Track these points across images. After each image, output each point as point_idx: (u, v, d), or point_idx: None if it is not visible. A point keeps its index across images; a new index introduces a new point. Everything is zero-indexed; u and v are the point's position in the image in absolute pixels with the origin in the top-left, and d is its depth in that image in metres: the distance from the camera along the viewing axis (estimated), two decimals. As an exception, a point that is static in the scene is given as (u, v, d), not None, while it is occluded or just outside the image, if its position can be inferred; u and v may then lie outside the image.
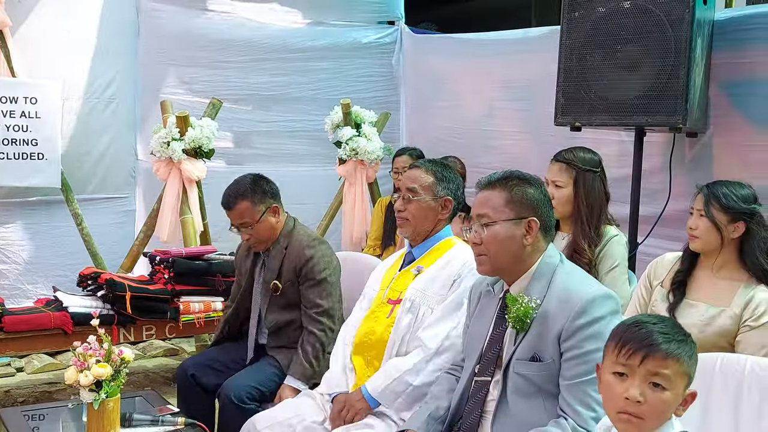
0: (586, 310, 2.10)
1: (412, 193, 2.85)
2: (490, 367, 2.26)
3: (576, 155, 3.40)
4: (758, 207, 2.85)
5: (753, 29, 3.54)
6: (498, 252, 2.23)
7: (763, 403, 2.03)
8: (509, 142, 4.88)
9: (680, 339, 1.74)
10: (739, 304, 2.79)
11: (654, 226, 3.85)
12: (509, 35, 4.99)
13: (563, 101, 3.70)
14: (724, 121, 3.69)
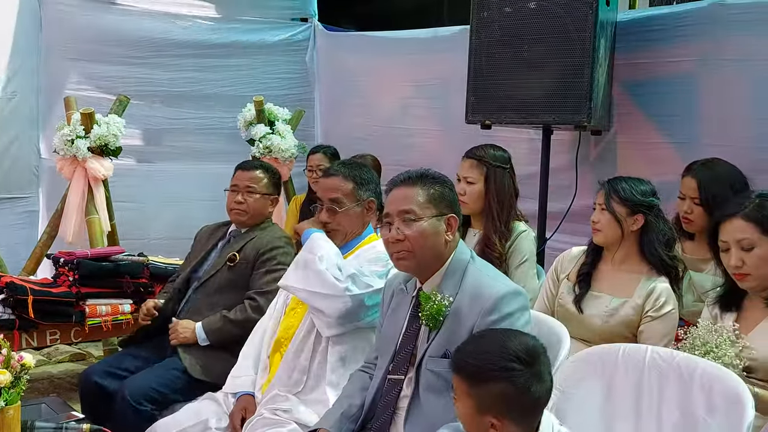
0: (497, 306, 2.13)
1: (336, 204, 2.80)
2: (404, 365, 2.27)
3: (487, 152, 3.47)
4: (656, 201, 2.96)
5: (653, 30, 3.68)
6: (423, 248, 2.24)
7: (663, 390, 2.11)
8: (423, 140, 4.93)
9: (476, 359, 1.79)
10: (641, 295, 2.89)
11: (561, 221, 3.96)
12: (421, 34, 5.03)
13: (473, 100, 3.76)
14: (627, 119, 3.82)
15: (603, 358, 2.24)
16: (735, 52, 3.36)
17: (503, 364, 1.73)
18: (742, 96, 3.36)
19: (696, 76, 3.52)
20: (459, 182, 3.49)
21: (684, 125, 3.59)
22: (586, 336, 2.94)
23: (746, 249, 2.42)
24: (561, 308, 3.06)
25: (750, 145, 3.33)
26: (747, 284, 2.48)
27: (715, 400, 2.00)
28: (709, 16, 3.43)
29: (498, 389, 1.73)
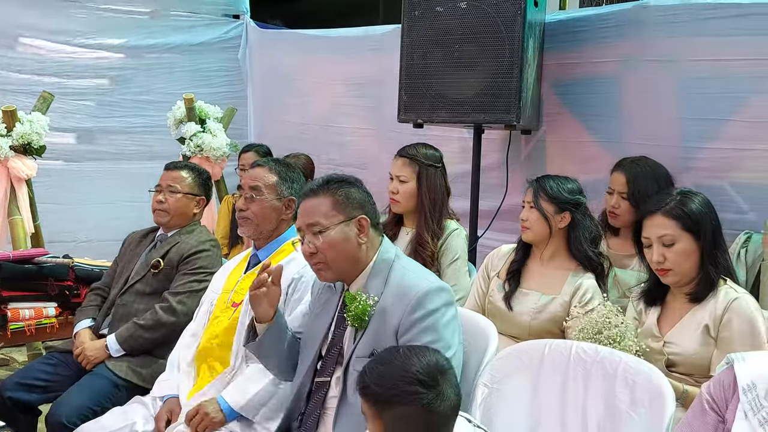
0: (421, 303, 2.13)
1: (255, 192, 2.80)
2: (331, 366, 2.26)
3: (419, 151, 3.49)
4: (583, 198, 3.03)
5: (579, 32, 3.75)
6: (336, 257, 2.22)
7: (588, 385, 2.15)
8: (356, 139, 4.92)
9: (381, 381, 1.73)
10: (568, 291, 2.95)
11: (493, 219, 4.00)
12: (354, 32, 5.02)
13: (406, 98, 3.76)
14: (556, 119, 3.89)
15: (530, 354, 2.26)
16: (657, 53, 3.44)
17: (405, 388, 1.70)
18: (664, 95, 3.45)
19: (620, 76, 3.60)
20: (392, 181, 3.51)
21: (609, 124, 3.67)
22: (516, 333, 2.98)
23: (668, 245, 2.47)
24: (491, 306, 3.10)
25: (672, 144, 3.43)
26: (669, 279, 2.54)
27: (638, 394, 2.05)
28: (632, 17, 3.52)
29: (403, 412, 1.70)
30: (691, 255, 2.49)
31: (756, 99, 3.20)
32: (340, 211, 2.22)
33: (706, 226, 2.48)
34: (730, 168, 3.29)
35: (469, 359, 2.32)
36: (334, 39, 5.18)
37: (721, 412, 1.61)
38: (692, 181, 3.30)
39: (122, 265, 3.42)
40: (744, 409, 1.54)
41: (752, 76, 3.20)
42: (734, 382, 1.60)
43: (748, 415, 1.53)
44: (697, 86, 3.34)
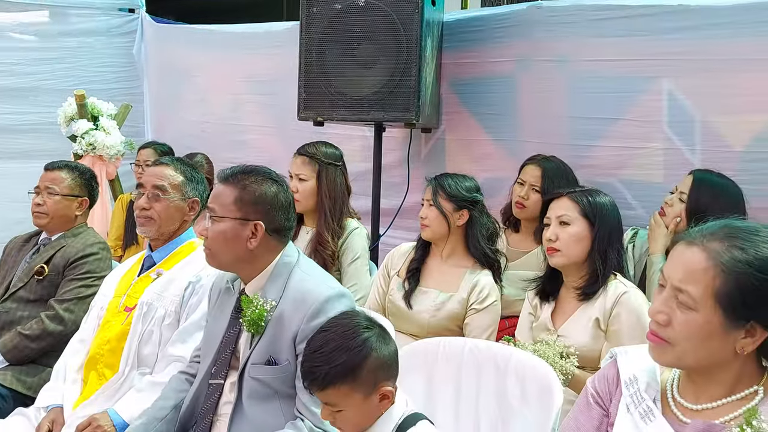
0: (321, 310, 2.09)
1: (160, 191, 2.70)
2: (224, 369, 2.20)
3: (318, 149, 3.46)
4: (480, 196, 3.07)
5: (476, 31, 3.79)
6: (220, 249, 2.16)
7: (480, 381, 2.18)
8: (256, 137, 4.83)
9: (338, 359, 1.78)
10: (465, 288, 2.98)
11: (394, 218, 4.01)
12: (254, 28, 4.93)
13: (305, 96, 3.71)
14: (454, 117, 3.92)
15: (425, 352, 2.28)
16: (550, 53, 3.52)
17: (360, 340, 1.80)
18: (557, 95, 3.53)
19: (516, 76, 3.66)
20: (291, 179, 3.46)
21: (505, 123, 3.73)
22: (415, 331, 2.99)
23: (563, 224, 2.56)
24: (391, 304, 3.10)
25: (565, 142, 3.51)
26: (556, 260, 2.61)
27: (528, 388, 2.08)
28: (526, 18, 3.58)
29: (372, 363, 1.79)
30: (581, 241, 2.57)
31: (644, 98, 3.31)
32: (240, 207, 2.15)
33: (605, 221, 2.56)
34: (620, 166, 3.39)
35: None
36: (234, 35, 5.06)
37: (606, 405, 1.63)
38: (584, 178, 3.39)
39: (4, 271, 3.24)
40: (626, 402, 1.57)
41: (641, 76, 3.30)
42: (617, 376, 1.63)
43: (630, 409, 1.56)
44: (589, 86, 3.43)
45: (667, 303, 1.48)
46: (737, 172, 3.08)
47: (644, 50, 3.25)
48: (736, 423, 1.42)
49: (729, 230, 1.47)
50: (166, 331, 2.59)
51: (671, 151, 3.25)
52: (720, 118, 3.11)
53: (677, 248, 1.51)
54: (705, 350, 1.45)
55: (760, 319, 1.42)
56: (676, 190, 3.01)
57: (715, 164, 3.09)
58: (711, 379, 1.49)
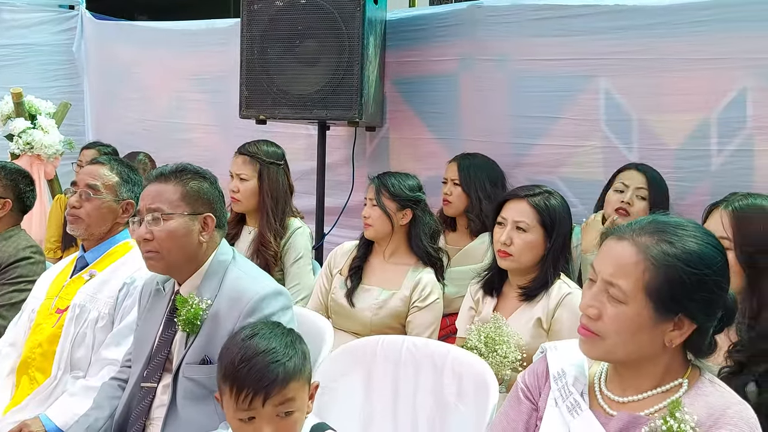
0: (257, 308, 2.07)
1: (92, 190, 2.64)
2: (158, 372, 2.16)
3: (260, 148, 3.43)
4: (423, 195, 3.08)
5: (420, 30, 3.79)
6: (171, 248, 2.13)
7: (418, 379, 2.17)
8: (199, 135, 4.76)
9: (291, 353, 1.71)
10: (408, 286, 2.98)
11: (339, 216, 3.99)
12: (197, 26, 4.85)
13: (247, 94, 3.67)
14: (398, 116, 3.92)
15: (363, 350, 2.26)
16: (491, 52, 3.54)
17: (291, 332, 1.78)
18: (498, 93, 3.55)
19: (458, 75, 3.67)
20: (232, 179, 3.42)
21: (448, 121, 3.74)
22: (358, 329, 2.99)
23: (520, 230, 2.56)
24: (334, 303, 3.09)
25: (507, 140, 3.54)
26: (506, 263, 2.62)
27: (464, 385, 2.09)
28: (467, 17, 3.59)
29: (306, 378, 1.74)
30: (535, 249, 2.58)
31: (583, 97, 3.35)
32: (188, 203, 2.15)
33: (560, 230, 2.58)
34: (560, 164, 3.43)
35: (306, 359, 2.29)
36: (177, 32, 4.98)
37: (535, 400, 1.65)
38: (525, 176, 3.43)
39: None
40: (554, 396, 1.59)
41: (579, 76, 3.35)
42: (547, 371, 1.65)
43: (558, 403, 1.58)
44: (529, 85, 3.46)
45: (598, 297, 1.50)
46: (672, 169, 3.15)
47: (582, 50, 3.30)
48: (660, 415, 1.45)
49: (657, 225, 1.50)
50: (99, 333, 2.52)
51: (609, 149, 3.30)
52: (655, 117, 3.17)
53: (607, 243, 1.53)
54: (635, 343, 1.47)
55: (687, 312, 1.45)
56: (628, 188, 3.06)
57: (651, 162, 3.15)
58: (639, 372, 1.52)
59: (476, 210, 3.37)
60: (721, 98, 3.02)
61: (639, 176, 3.08)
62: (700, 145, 3.09)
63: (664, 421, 1.41)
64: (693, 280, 1.42)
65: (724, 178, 3.02)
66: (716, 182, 3.02)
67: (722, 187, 2.74)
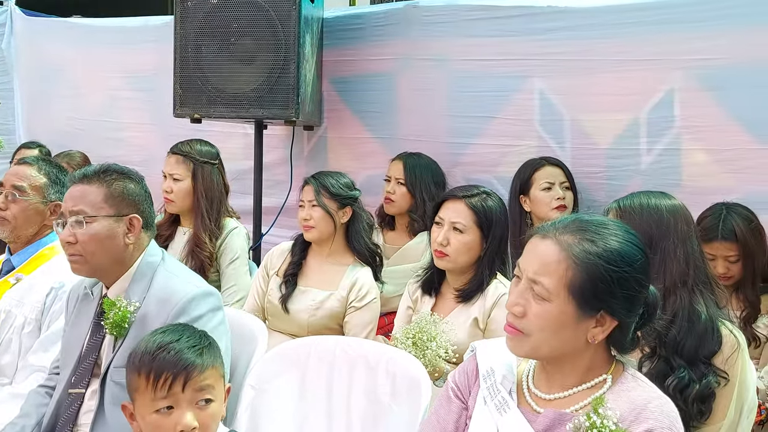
0: (186, 309, 2.06)
1: (18, 191, 2.58)
2: (86, 377, 2.11)
3: (193, 147, 3.39)
4: (358, 192, 3.10)
5: (357, 29, 3.78)
6: (96, 251, 2.09)
7: (352, 379, 2.17)
8: (133, 134, 4.65)
9: (207, 344, 1.73)
10: (345, 286, 2.98)
11: (277, 216, 3.96)
12: (131, 22, 4.74)
13: (181, 92, 3.61)
14: (336, 115, 3.90)
15: (297, 351, 2.25)
16: (428, 52, 3.55)
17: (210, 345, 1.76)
18: (436, 93, 3.56)
19: (395, 74, 3.67)
20: (165, 179, 3.37)
21: (386, 121, 3.74)
22: (295, 331, 2.97)
23: (457, 231, 2.58)
24: (270, 305, 3.07)
25: (444, 140, 3.56)
26: (442, 263, 2.64)
27: (398, 385, 2.09)
28: (404, 16, 3.60)
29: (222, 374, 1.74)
30: (472, 250, 2.61)
31: (518, 97, 3.39)
32: (112, 204, 2.11)
33: (496, 231, 2.61)
34: (496, 163, 3.46)
35: (239, 362, 2.27)
36: (111, 29, 4.86)
37: (465, 399, 1.66)
38: (462, 175, 3.45)
39: None
40: (483, 395, 1.60)
41: (514, 76, 3.38)
42: (477, 370, 1.66)
43: (486, 401, 1.59)
44: (465, 85, 3.48)
45: (523, 295, 1.52)
46: (604, 168, 3.22)
47: (516, 50, 3.33)
48: (584, 411, 1.47)
49: (580, 224, 1.53)
50: (26, 339, 2.46)
51: (543, 149, 3.33)
52: (587, 117, 3.22)
53: (532, 241, 1.55)
54: (559, 340, 1.49)
55: (609, 308, 1.48)
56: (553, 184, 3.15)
57: (583, 161, 3.22)
58: (564, 368, 1.54)
59: (420, 210, 3.38)
60: (650, 98, 3.08)
61: (556, 170, 3.19)
62: (630, 145, 3.15)
63: (588, 417, 1.43)
64: (614, 277, 1.45)
65: (653, 176, 3.09)
66: (646, 180, 3.08)
67: (652, 185, 2.81)
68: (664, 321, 1.95)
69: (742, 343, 2.01)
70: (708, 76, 2.97)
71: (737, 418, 1.98)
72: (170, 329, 1.75)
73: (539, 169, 3.19)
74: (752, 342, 2.76)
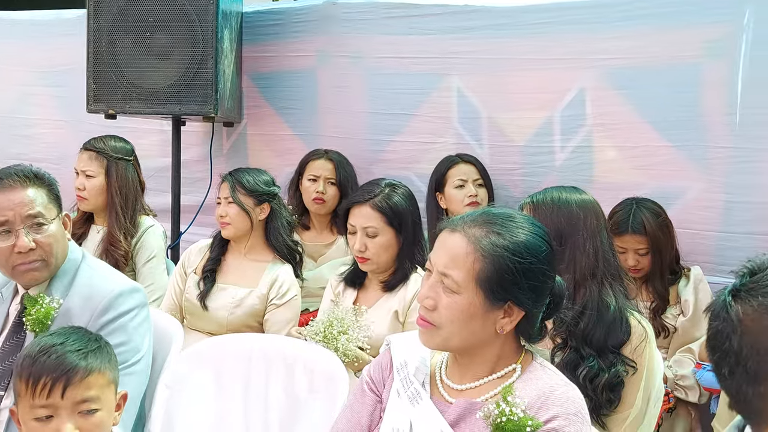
0: (112, 305, 2.04)
1: None
2: (5, 379, 2.05)
3: (107, 144, 3.32)
4: (278, 189, 3.09)
5: (276, 24, 3.75)
6: (56, 252, 2.07)
7: (269, 375, 2.17)
8: (45, 131, 4.48)
9: (95, 348, 1.65)
10: (265, 283, 2.96)
11: (197, 214, 3.90)
12: (43, 16, 4.57)
13: (95, 88, 3.52)
14: (256, 111, 3.86)
15: (213, 349, 2.23)
16: (347, 49, 3.55)
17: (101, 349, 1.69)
18: (355, 90, 3.57)
19: (315, 70, 3.66)
20: (78, 176, 3.28)
21: (307, 118, 3.72)
22: (214, 329, 2.93)
23: (371, 236, 2.62)
24: (188, 303, 3.02)
25: (364, 137, 3.56)
26: (367, 267, 2.69)
27: (316, 380, 2.10)
28: (323, 13, 3.58)
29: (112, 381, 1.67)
30: (390, 248, 2.66)
31: (436, 95, 3.42)
32: (54, 205, 2.09)
33: (408, 223, 2.66)
34: (416, 160, 3.49)
35: (154, 362, 2.23)
36: (22, 22, 4.67)
37: (379, 392, 1.67)
38: (382, 172, 3.45)
39: None
40: (396, 387, 1.62)
41: (432, 74, 3.42)
42: (391, 363, 1.67)
43: (400, 393, 1.60)
44: (384, 82, 3.50)
45: (434, 288, 1.54)
46: (520, 165, 3.29)
47: (434, 49, 3.37)
48: (494, 400, 1.50)
49: (488, 217, 1.56)
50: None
51: (462, 146, 3.38)
52: (503, 115, 3.28)
53: (442, 235, 1.58)
54: (468, 331, 1.52)
55: (516, 299, 1.51)
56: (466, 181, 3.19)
57: (500, 158, 3.28)
58: (474, 359, 1.57)
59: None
60: (563, 97, 3.16)
61: (470, 167, 3.24)
62: (545, 142, 3.23)
63: (497, 405, 1.46)
64: (520, 268, 1.48)
65: (567, 172, 3.17)
66: (561, 177, 3.16)
67: (566, 181, 2.87)
68: (575, 312, 2.01)
69: (649, 332, 2.09)
70: (617, 76, 3.07)
71: (645, 406, 2.06)
72: (59, 332, 1.68)
73: (453, 166, 3.24)
74: (661, 332, 2.87)
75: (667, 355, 2.87)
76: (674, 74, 2.99)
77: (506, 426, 1.43)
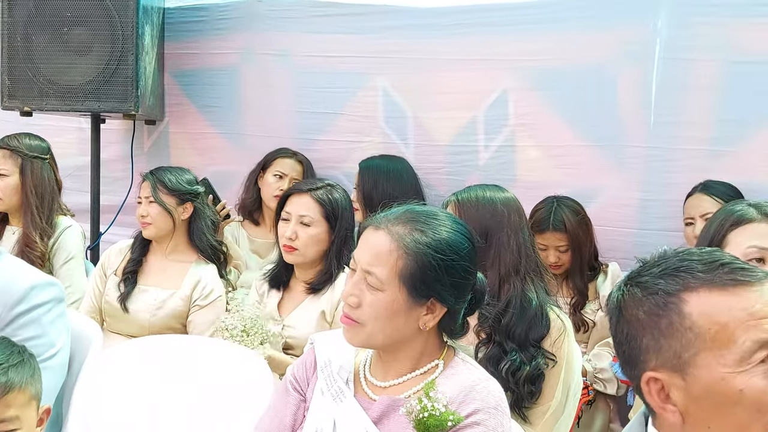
0: (25, 297, 1.95)
1: None
2: None
3: (21, 141, 3.22)
4: (200, 188, 3.03)
5: (200, 21, 3.68)
6: None
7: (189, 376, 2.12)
8: (-44, 129, 4.32)
9: (17, 362, 1.57)
10: (189, 284, 2.91)
11: (117, 214, 3.80)
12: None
13: (9, 83, 3.39)
14: (179, 109, 3.79)
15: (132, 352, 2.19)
16: (273, 47, 3.51)
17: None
18: (281, 89, 3.54)
19: (240, 68, 3.61)
20: (-8, 176, 3.16)
21: (231, 116, 3.67)
22: (135, 331, 2.86)
23: (305, 224, 2.61)
24: (108, 305, 2.95)
25: (290, 136, 3.53)
26: (292, 258, 2.66)
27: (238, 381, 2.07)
28: (247, 10, 3.53)
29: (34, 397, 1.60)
30: (320, 242, 2.64)
31: (362, 95, 3.43)
32: None
33: (343, 222, 2.65)
34: (342, 159, 3.49)
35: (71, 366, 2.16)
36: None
37: (303, 391, 1.66)
38: (311, 171, 3.45)
39: None
40: (320, 386, 1.61)
41: (358, 73, 3.42)
42: (315, 362, 1.67)
43: (324, 392, 1.60)
44: (311, 81, 3.48)
45: (358, 285, 1.54)
46: (444, 164, 3.33)
47: (359, 48, 3.37)
48: (417, 396, 1.51)
49: (411, 214, 1.57)
50: None
51: (388, 146, 3.40)
52: (428, 114, 3.32)
53: (365, 233, 1.58)
54: (392, 328, 1.53)
55: (438, 295, 1.52)
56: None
57: (425, 157, 3.31)
58: (398, 356, 1.58)
59: None
60: (487, 97, 3.22)
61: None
62: (469, 141, 3.28)
63: (419, 401, 1.47)
64: (442, 265, 1.50)
65: (491, 171, 3.22)
66: (484, 175, 3.21)
67: (489, 180, 2.92)
68: (499, 308, 2.05)
69: (568, 326, 2.14)
70: (537, 77, 3.14)
71: (564, 398, 2.11)
72: None
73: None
74: (581, 327, 2.95)
75: (587, 349, 2.95)
76: (593, 76, 3.08)
77: (428, 421, 1.44)
